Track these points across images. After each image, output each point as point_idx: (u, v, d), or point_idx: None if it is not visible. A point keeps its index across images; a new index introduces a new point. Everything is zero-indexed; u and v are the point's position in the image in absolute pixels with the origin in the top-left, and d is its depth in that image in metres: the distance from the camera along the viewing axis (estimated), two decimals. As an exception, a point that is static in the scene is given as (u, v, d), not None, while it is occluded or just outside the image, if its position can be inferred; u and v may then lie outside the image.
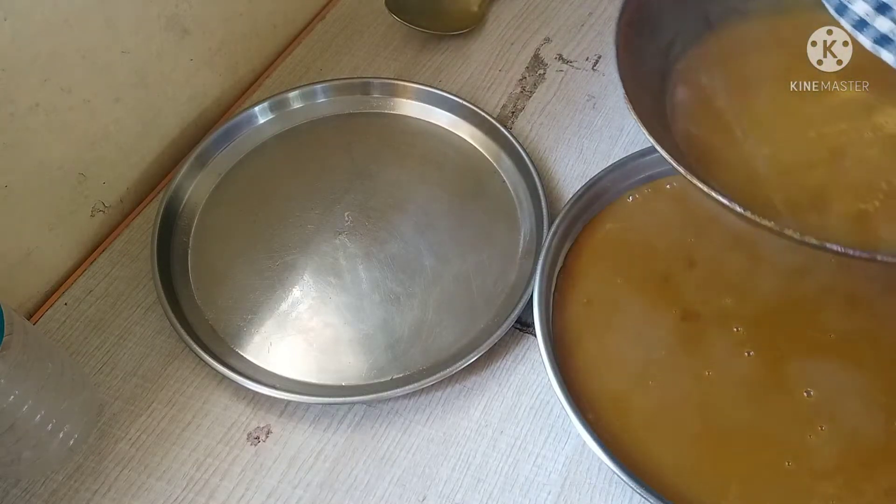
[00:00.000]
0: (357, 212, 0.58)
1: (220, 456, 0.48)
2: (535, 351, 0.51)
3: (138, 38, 0.57)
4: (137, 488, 0.46)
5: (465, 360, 0.49)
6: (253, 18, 0.68)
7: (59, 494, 0.46)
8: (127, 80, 0.57)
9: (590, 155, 0.62)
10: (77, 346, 0.53)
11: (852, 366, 0.48)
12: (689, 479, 0.44)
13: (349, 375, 0.50)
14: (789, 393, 0.47)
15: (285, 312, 0.53)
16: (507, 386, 0.50)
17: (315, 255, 0.56)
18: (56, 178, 0.54)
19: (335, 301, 0.54)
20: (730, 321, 0.50)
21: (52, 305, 0.55)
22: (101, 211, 0.59)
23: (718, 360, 0.49)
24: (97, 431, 0.49)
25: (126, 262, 0.57)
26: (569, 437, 0.47)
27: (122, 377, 0.51)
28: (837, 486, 0.43)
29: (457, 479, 0.46)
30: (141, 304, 0.55)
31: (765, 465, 0.44)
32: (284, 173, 0.62)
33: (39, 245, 0.55)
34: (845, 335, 0.49)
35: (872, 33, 0.35)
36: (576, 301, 0.52)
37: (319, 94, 0.65)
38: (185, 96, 0.64)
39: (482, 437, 0.48)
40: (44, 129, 0.52)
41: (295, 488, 0.46)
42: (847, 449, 0.45)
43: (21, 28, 0.47)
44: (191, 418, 0.49)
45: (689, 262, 0.53)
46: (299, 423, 0.49)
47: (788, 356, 0.49)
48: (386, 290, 0.54)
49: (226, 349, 0.52)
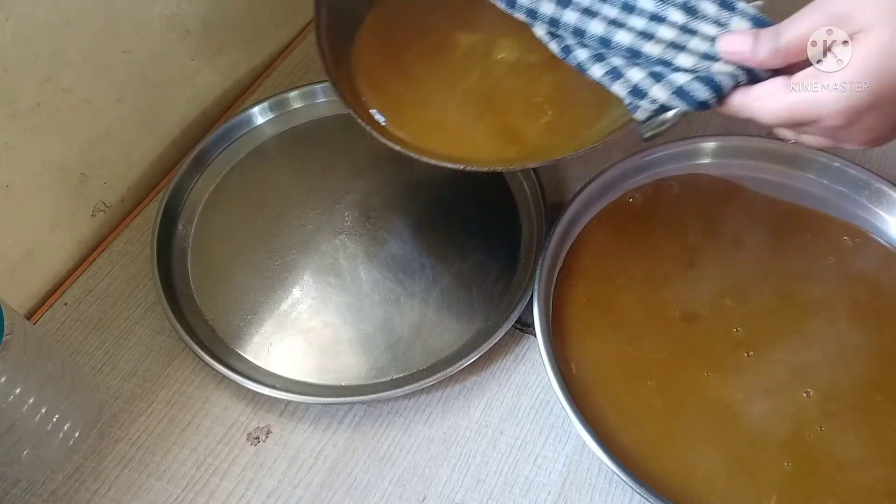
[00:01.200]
0: (357, 212, 0.58)
1: (219, 456, 0.48)
2: (535, 351, 0.51)
3: (139, 38, 0.57)
4: (137, 488, 0.46)
5: (465, 360, 0.49)
6: (253, 18, 0.68)
7: (59, 494, 0.46)
8: (128, 80, 0.57)
9: (590, 155, 0.62)
10: (77, 346, 0.53)
11: (852, 366, 0.48)
12: (689, 479, 0.44)
13: (349, 375, 0.50)
14: (789, 393, 0.47)
15: (285, 312, 0.53)
16: (507, 386, 0.50)
17: (315, 255, 0.56)
18: (57, 177, 0.54)
19: (335, 301, 0.54)
20: (730, 321, 0.50)
21: (52, 305, 0.55)
22: (101, 211, 0.59)
23: (718, 360, 0.49)
24: (97, 431, 0.49)
25: (126, 262, 0.57)
26: (569, 437, 0.47)
27: (122, 377, 0.51)
28: (837, 485, 0.43)
29: (457, 479, 0.46)
30: (141, 304, 0.55)
31: (764, 465, 0.44)
32: (284, 173, 0.62)
33: (40, 245, 0.55)
34: (845, 336, 0.49)
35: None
36: (576, 301, 0.52)
37: (319, 94, 0.65)
38: (185, 96, 0.64)
39: (482, 437, 0.48)
40: (45, 128, 0.52)
41: (295, 488, 0.46)
42: (847, 449, 0.45)
43: (22, 28, 0.47)
44: (191, 418, 0.49)
45: (689, 263, 0.53)
46: (299, 423, 0.49)
47: (788, 357, 0.49)
48: (386, 290, 0.54)
49: (226, 349, 0.52)
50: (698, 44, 0.40)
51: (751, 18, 0.39)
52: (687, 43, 0.41)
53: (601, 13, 0.43)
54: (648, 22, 0.42)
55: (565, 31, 0.44)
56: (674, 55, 0.41)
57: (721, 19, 0.40)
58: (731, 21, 0.39)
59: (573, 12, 0.43)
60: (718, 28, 0.40)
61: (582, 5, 0.43)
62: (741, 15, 0.39)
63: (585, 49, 0.43)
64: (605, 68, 0.42)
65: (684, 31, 0.41)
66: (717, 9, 0.40)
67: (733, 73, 0.38)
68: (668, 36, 0.41)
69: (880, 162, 0.60)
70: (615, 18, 0.43)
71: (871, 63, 0.32)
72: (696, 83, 0.39)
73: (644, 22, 0.42)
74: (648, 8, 0.42)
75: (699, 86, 0.39)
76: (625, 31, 0.42)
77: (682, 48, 0.41)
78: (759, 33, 0.37)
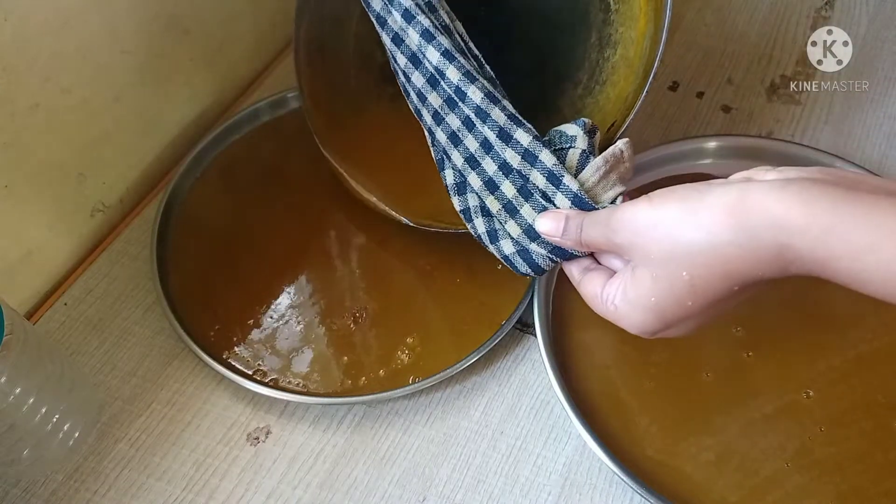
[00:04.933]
0: (357, 211, 0.58)
1: (219, 456, 0.48)
2: (535, 351, 0.51)
3: (138, 38, 0.57)
4: (137, 488, 0.46)
5: (466, 361, 0.49)
6: (253, 18, 0.68)
7: (59, 494, 0.46)
8: (127, 80, 0.57)
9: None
10: (77, 346, 0.53)
11: (852, 367, 0.48)
12: (689, 479, 0.44)
13: (349, 375, 0.50)
14: (789, 394, 0.47)
15: (285, 312, 0.53)
16: (507, 386, 0.50)
17: (315, 255, 0.56)
18: (56, 178, 0.54)
19: (336, 300, 0.54)
20: (730, 322, 0.50)
21: (52, 305, 0.55)
22: (100, 211, 0.59)
23: (718, 360, 0.49)
24: (97, 431, 0.49)
25: (126, 262, 0.57)
26: (569, 438, 0.47)
27: (122, 377, 0.51)
28: (837, 486, 0.43)
29: (457, 479, 0.46)
30: (140, 304, 0.55)
31: (764, 465, 0.44)
32: (284, 173, 0.62)
33: (39, 245, 0.55)
34: (844, 336, 0.49)
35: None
36: (576, 301, 0.52)
37: (319, 94, 0.65)
38: (184, 96, 0.64)
39: (482, 437, 0.48)
40: (44, 128, 0.52)
41: (295, 489, 0.46)
42: (846, 449, 0.45)
43: (21, 28, 0.47)
44: (190, 418, 0.49)
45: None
46: (299, 424, 0.49)
47: (788, 357, 0.49)
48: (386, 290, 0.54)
49: (226, 349, 0.52)
50: (528, 212, 0.41)
51: (572, 197, 0.39)
52: (520, 208, 0.42)
53: (464, 143, 0.44)
54: (497, 170, 0.43)
55: (438, 150, 0.46)
56: (506, 218, 0.42)
57: (548, 192, 0.40)
58: (555, 197, 0.40)
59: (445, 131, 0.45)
60: (545, 201, 0.41)
61: (451, 127, 0.44)
62: (563, 192, 0.40)
63: (451, 171, 0.45)
64: (462, 205, 0.45)
65: (521, 192, 0.42)
66: (545, 181, 0.40)
67: (548, 256, 0.40)
68: (508, 194, 0.42)
69: (880, 162, 0.60)
70: (473, 154, 0.44)
71: (649, 296, 0.34)
72: (518, 258, 0.41)
73: (494, 168, 0.43)
74: (500, 154, 0.42)
75: (521, 261, 0.41)
76: (476, 174, 0.43)
77: (515, 212, 0.42)
78: (568, 219, 0.39)
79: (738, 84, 0.68)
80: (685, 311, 0.34)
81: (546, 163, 0.40)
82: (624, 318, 0.36)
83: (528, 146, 0.41)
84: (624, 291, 0.35)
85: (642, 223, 0.34)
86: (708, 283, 0.32)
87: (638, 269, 0.35)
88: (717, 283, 0.32)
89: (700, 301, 0.33)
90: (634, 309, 0.35)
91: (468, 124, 0.43)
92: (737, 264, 0.31)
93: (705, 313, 0.34)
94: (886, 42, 0.68)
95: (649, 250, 0.33)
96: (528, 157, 0.41)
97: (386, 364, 0.50)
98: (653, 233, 0.33)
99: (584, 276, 0.39)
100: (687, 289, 0.33)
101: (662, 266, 0.33)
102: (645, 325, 0.35)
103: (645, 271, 0.34)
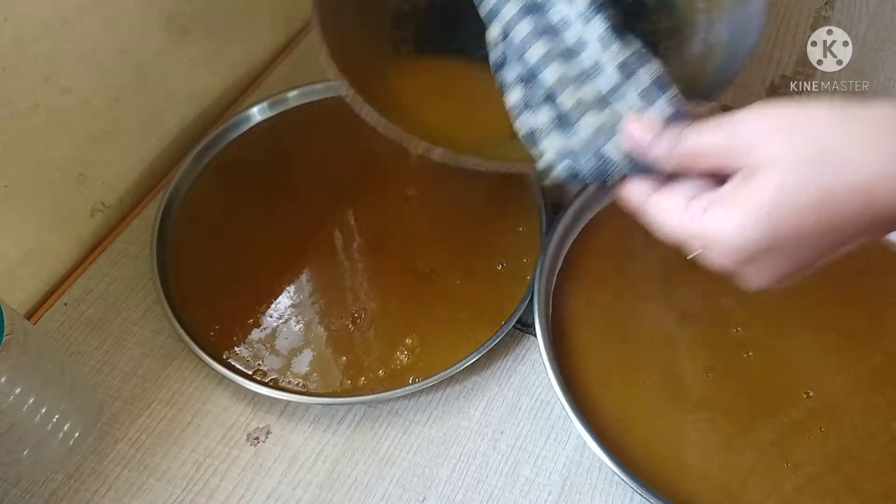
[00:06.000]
0: (358, 210, 0.58)
1: (219, 456, 0.48)
2: (535, 351, 0.51)
3: (138, 38, 0.57)
4: (137, 488, 0.46)
5: (466, 361, 0.49)
6: (253, 18, 0.68)
7: (59, 494, 0.46)
8: (126, 80, 0.57)
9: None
10: (77, 346, 0.53)
11: (852, 366, 0.48)
12: (689, 479, 0.44)
13: (349, 375, 0.50)
14: (789, 393, 0.47)
15: (285, 312, 0.53)
16: (507, 386, 0.50)
17: (316, 255, 0.56)
18: (56, 178, 0.54)
19: (336, 300, 0.54)
20: (730, 321, 0.50)
21: (52, 305, 0.55)
22: (100, 211, 0.59)
23: (718, 360, 0.49)
24: (97, 431, 0.49)
25: (125, 263, 0.57)
26: (569, 438, 0.47)
27: (122, 377, 0.51)
28: (836, 485, 0.43)
29: (457, 479, 0.46)
30: (140, 304, 0.55)
31: (764, 465, 0.44)
32: (285, 173, 0.62)
33: (39, 245, 0.55)
34: (845, 336, 0.49)
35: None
36: (576, 301, 0.52)
37: (319, 93, 0.65)
38: (184, 96, 0.64)
39: (482, 437, 0.48)
40: (43, 128, 0.52)
41: (295, 489, 0.46)
42: (846, 449, 0.45)
43: (21, 28, 0.47)
44: (190, 418, 0.49)
45: (690, 263, 0.53)
46: (299, 424, 0.49)
47: (788, 357, 0.49)
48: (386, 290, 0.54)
49: (226, 349, 0.52)
50: (611, 114, 0.37)
51: (675, 106, 0.36)
52: (610, 104, 0.37)
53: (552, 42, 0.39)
54: (594, 65, 0.38)
55: (509, 48, 0.40)
56: (582, 112, 0.38)
57: (650, 95, 0.36)
58: (659, 99, 0.36)
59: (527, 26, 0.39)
60: (643, 101, 0.36)
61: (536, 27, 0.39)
62: (669, 97, 0.36)
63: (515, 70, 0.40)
64: (519, 95, 0.39)
65: (613, 91, 0.37)
66: (650, 83, 0.36)
67: (620, 163, 0.36)
68: (603, 87, 0.38)
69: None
70: (554, 50, 0.39)
71: (766, 204, 0.29)
72: (581, 155, 0.37)
73: (591, 63, 0.38)
74: (593, 54, 0.38)
75: (584, 160, 0.37)
76: (558, 65, 0.39)
77: (602, 108, 0.37)
78: (664, 129, 0.34)
79: (738, 84, 0.67)
80: (797, 237, 0.29)
81: (656, 67, 0.36)
82: (719, 229, 0.31)
83: (639, 49, 0.37)
84: (731, 196, 0.30)
85: (781, 122, 0.30)
86: (838, 207, 0.28)
87: (758, 173, 0.29)
88: (848, 209, 0.28)
89: (822, 225, 0.29)
90: (740, 215, 0.30)
91: (566, 21, 0.39)
92: (881, 193, 0.28)
93: (813, 250, 0.30)
94: (886, 42, 0.68)
95: (781, 152, 0.29)
96: (639, 57, 0.37)
97: (386, 364, 0.50)
98: (794, 132, 0.29)
99: (656, 194, 0.34)
100: (815, 205, 0.28)
101: (795, 172, 0.29)
102: (745, 241, 0.30)
103: (769, 175, 0.29)
